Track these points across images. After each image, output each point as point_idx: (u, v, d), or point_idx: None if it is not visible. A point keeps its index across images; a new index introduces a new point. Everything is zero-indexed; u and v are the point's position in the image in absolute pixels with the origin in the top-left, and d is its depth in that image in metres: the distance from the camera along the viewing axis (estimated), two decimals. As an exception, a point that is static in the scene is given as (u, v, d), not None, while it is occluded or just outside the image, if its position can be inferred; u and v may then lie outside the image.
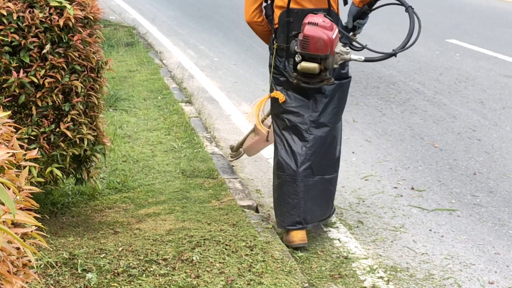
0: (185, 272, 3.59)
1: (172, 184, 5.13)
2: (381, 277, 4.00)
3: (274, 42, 4.29)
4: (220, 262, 3.72)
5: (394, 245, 4.42)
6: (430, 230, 4.65)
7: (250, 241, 4.01)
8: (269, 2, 4.30)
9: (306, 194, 4.29)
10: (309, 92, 4.25)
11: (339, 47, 4.02)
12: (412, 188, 5.31)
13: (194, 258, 3.73)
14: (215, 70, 9.28)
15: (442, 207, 4.99)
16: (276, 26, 4.26)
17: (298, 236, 4.30)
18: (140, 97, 7.62)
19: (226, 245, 3.93)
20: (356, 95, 7.91)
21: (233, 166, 5.64)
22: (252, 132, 5.25)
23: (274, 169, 4.48)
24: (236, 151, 5.53)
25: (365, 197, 5.16)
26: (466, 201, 5.09)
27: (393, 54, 4.29)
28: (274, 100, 4.37)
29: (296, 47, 4.01)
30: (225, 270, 3.63)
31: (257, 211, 4.71)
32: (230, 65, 9.58)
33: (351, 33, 4.51)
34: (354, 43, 4.43)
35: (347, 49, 4.08)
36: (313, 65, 3.98)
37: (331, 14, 4.16)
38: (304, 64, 3.99)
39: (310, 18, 3.96)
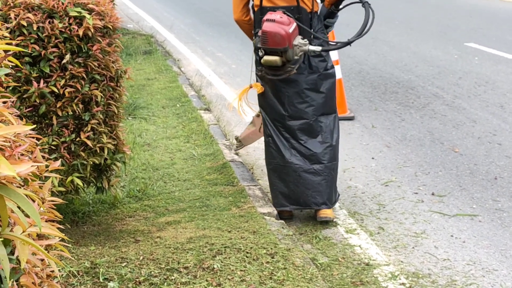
0: (207, 280, 3.58)
1: (192, 192, 5.14)
2: (403, 284, 3.98)
3: (254, 38, 4.68)
4: (241, 270, 3.71)
5: (415, 251, 4.40)
6: (452, 235, 4.62)
7: (271, 249, 4.00)
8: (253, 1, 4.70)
9: (294, 179, 4.68)
10: (284, 88, 4.62)
11: (297, 40, 4.39)
12: (433, 194, 5.28)
13: (215, 266, 3.73)
14: (233, 77, 9.29)
15: (463, 212, 4.96)
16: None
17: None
18: (159, 105, 7.65)
19: (247, 252, 3.93)
20: (375, 100, 7.89)
21: (252, 173, 5.65)
22: (250, 124, 5.68)
23: (265, 156, 4.94)
24: (241, 141, 5.87)
25: (385, 203, 5.14)
26: (487, 206, 5.05)
27: (348, 43, 4.58)
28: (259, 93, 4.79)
29: (258, 43, 4.41)
30: (247, 278, 3.63)
31: (277, 218, 4.70)
32: (248, 72, 9.55)
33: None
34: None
35: (305, 41, 4.43)
36: (274, 58, 4.38)
37: (300, 10, 4.50)
38: (267, 58, 4.39)
39: (268, 15, 4.34)
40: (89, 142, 3.99)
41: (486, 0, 17.04)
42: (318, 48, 4.49)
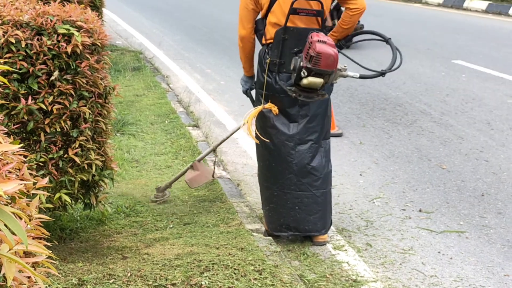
0: (194, 297, 3.58)
1: (180, 208, 5.14)
2: (391, 300, 3.99)
3: (267, 57, 4.50)
4: (229, 287, 3.71)
5: (403, 268, 4.41)
6: (439, 252, 4.63)
7: (259, 265, 4.00)
8: (260, 17, 4.55)
9: (295, 206, 4.59)
10: (293, 111, 4.51)
11: (339, 64, 4.28)
12: (420, 210, 5.30)
13: (203, 282, 3.73)
14: (221, 94, 9.31)
15: (451, 229, 4.98)
16: (270, 41, 4.49)
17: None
18: (148, 122, 7.65)
19: (235, 269, 3.92)
20: (363, 117, 7.92)
21: (240, 190, 5.65)
22: (191, 168, 5.37)
23: (260, 180, 4.82)
24: (162, 192, 5.39)
25: (373, 219, 5.15)
26: (474, 222, 5.07)
27: (382, 73, 4.61)
28: (261, 115, 4.59)
29: (302, 63, 4.21)
30: (234, 295, 3.63)
31: (265, 234, 4.70)
32: (236, 88, 9.56)
33: None
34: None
35: (345, 66, 4.37)
36: (319, 80, 4.22)
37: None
38: (311, 79, 4.21)
39: (316, 36, 4.17)
40: (77, 159, 3.99)
41: (473, 17, 17.19)
42: (356, 75, 4.47)
